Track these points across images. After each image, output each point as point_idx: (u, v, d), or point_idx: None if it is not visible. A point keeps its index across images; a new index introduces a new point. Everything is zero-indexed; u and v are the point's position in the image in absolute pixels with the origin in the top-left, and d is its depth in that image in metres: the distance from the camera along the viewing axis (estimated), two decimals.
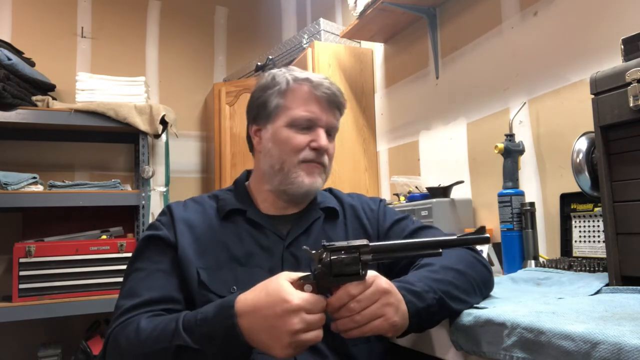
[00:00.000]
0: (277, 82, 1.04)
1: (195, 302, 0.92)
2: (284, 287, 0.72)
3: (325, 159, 1.04)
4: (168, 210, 1.02)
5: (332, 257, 0.73)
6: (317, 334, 0.71)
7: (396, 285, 0.78)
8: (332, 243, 0.74)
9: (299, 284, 0.73)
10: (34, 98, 2.46)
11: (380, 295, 0.73)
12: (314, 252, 0.75)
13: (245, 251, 0.97)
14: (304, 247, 0.77)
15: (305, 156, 1.01)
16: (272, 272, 0.96)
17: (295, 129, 1.01)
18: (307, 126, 1.01)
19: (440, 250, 0.77)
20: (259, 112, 1.06)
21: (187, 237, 0.97)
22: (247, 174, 1.14)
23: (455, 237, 0.79)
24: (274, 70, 1.08)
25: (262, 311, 0.71)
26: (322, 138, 1.01)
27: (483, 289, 0.91)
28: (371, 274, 0.75)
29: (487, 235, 0.79)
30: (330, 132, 1.05)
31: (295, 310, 0.69)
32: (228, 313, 0.73)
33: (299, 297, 0.71)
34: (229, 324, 0.72)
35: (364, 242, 0.75)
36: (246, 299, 0.74)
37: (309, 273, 0.75)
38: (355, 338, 0.91)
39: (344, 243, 0.75)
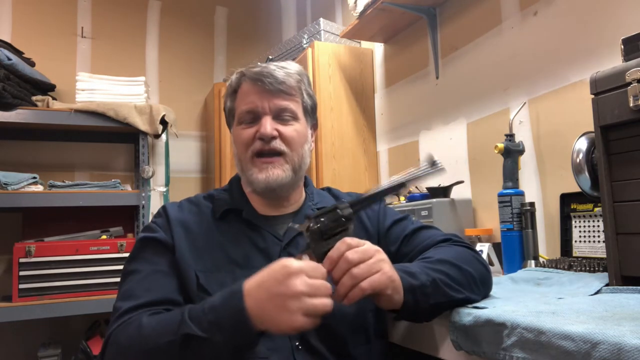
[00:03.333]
0: (228, 86, 1.06)
1: (195, 304, 0.92)
2: (283, 259, 0.74)
3: (277, 144, 0.98)
4: (164, 212, 1.00)
5: (318, 222, 0.79)
6: (324, 302, 0.71)
7: None
8: (314, 212, 0.80)
9: (297, 258, 0.77)
10: (34, 98, 2.46)
11: (374, 253, 0.77)
12: (297, 225, 0.80)
13: (243, 253, 0.96)
14: (290, 224, 0.81)
15: (254, 148, 0.99)
16: None
17: (243, 125, 1.01)
18: (252, 119, 1.00)
19: (405, 182, 0.83)
20: (226, 120, 1.10)
21: (184, 240, 0.95)
22: None
23: (410, 171, 0.84)
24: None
25: (265, 284, 0.72)
26: (264, 125, 0.98)
27: (480, 285, 0.90)
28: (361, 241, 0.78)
29: (441, 166, 0.83)
30: (283, 116, 1.00)
31: (296, 272, 0.71)
32: (236, 297, 0.73)
33: (297, 262, 0.73)
34: (237, 309, 0.72)
35: (341, 201, 0.81)
36: (251, 280, 0.75)
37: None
38: (356, 339, 0.92)
39: (323, 209, 0.81)
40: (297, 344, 0.88)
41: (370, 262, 0.75)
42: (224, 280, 0.91)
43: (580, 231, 1.27)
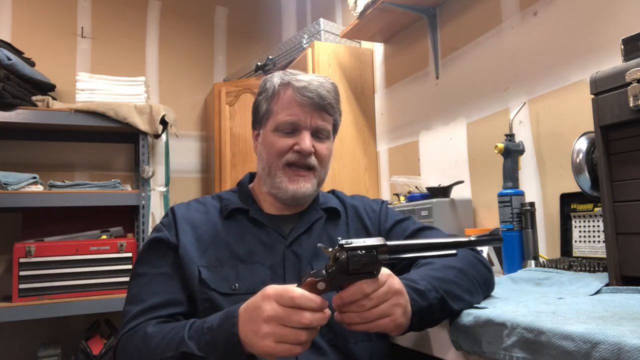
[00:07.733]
0: (266, 87, 1.07)
1: (196, 299, 0.94)
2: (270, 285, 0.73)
3: (312, 160, 1.03)
4: (171, 212, 1.04)
5: (349, 256, 0.72)
6: (295, 333, 0.69)
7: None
8: (349, 241, 0.73)
9: (311, 282, 0.73)
10: (34, 98, 2.46)
11: (392, 295, 0.73)
12: (330, 249, 0.74)
13: (247, 249, 0.99)
14: (319, 244, 0.76)
15: (288, 159, 1.02)
16: (273, 269, 0.97)
17: (280, 133, 1.03)
18: (292, 130, 1.03)
19: (456, 251, 0.77)
20: (255, 117, 1.11)
21: (189, 236, 0.99)
22: (251, 176, 1.16)
23: (470, 238, 0.79)
24: (270, 75, 1.10)
25: (248, 307, 0.73)
26: (304, 141, 1.01)
27: (484, 288, 0.92)
28: (385, 272, 0.74)
29: (501, 236, 0.80)
30: (319, 134, 1.05)
31: (268, 296, 0.70)
32: (231, 322, 0.75)
33: (275, 288, 0.71)
34: (230, 333, 0.74)
35: (381, 240, 0.74)
36: (244, 304, 0.75)
37: (322, 270, 0.74)
38: (357, 335, 0.92)
39: (360, 242, 0.74)
40: None
41: (383, 307, 0.72)
42: (227, 275, 0.95)
43: (580, 231, 1.27)
